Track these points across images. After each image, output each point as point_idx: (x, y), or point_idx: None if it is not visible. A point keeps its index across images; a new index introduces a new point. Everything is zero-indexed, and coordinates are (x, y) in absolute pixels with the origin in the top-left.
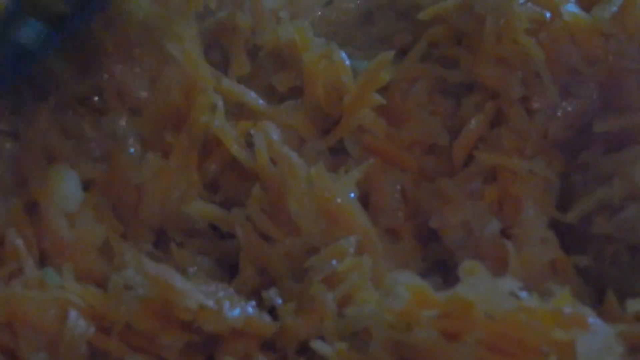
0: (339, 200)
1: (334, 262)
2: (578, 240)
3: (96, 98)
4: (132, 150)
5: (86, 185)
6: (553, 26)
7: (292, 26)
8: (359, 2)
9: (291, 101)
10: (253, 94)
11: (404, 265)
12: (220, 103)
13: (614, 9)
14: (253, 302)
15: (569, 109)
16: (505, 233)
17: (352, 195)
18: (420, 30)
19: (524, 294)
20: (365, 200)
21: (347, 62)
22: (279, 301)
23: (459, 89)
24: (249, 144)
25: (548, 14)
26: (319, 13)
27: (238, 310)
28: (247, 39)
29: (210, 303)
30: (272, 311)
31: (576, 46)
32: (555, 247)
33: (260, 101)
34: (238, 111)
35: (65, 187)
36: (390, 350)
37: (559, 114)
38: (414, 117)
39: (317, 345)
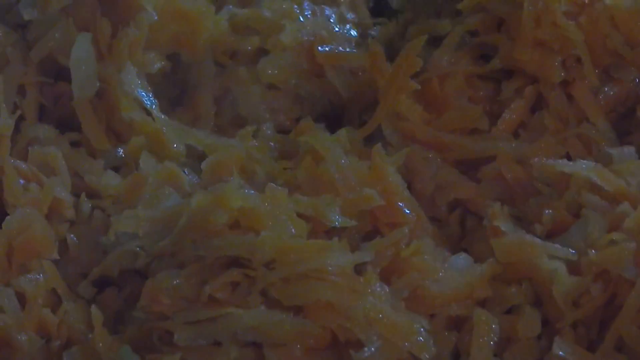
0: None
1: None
2: None
3: None
4: None
5: None
6: (593, 9)
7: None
8: None
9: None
10: None
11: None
12: None
13: None
14: None
15: (611, 93)
16: None
17: None
18: (456, 16)
19: None
20: None
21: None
22: None
23: (498, 75)
24: None
25: None
26: None
27: None
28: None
29: None
30: None
31: (617, 29)
32: None
33: None
34: None
35: None
36: None
37: (600, 98)
38: (453, 103)
39: None
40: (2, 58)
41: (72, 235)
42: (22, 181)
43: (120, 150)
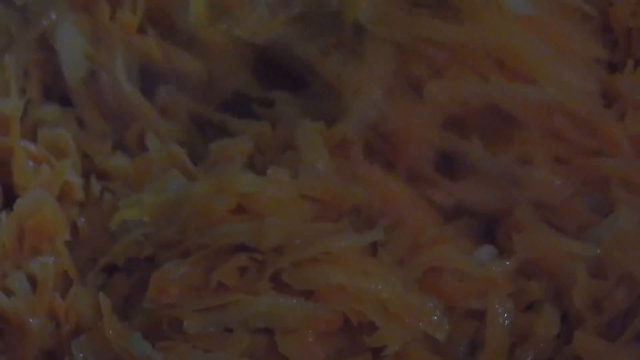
0: None
1: None
2: None
3: None
4: None
5: None
6: None
7: None
8: None
9: None
10: None
11: None
12: None
13: None
14: None
15: None
16: None
17: None
18: None
19: None
20: None
21: None
22: None
23: None
24: None
25: None
26: None
27: None
28: None
29: None
30: None
31: None
32: None
33: None
34: None
35: None
36: None
37: None
38: None
39: None
40: (8, 38)
41: (81, 218)
42: (31, 163)
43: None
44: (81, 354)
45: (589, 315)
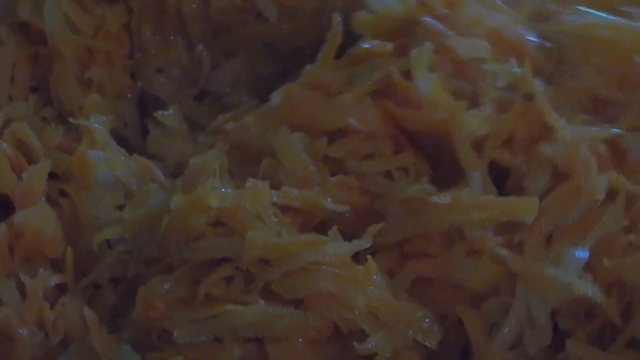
0: None
1: None
2: None
3: None
4: None
5: None
6: None
7: None
8: None
9: None
10: None
11: None
12: None
13: None
14: None
15: None
16: None
17: None
18: None
19: None
20: None
21: None
22: None
23: None
24: None
25: None
26: None
27: None
28: None
29: None
30: None
31: None
32: None
33: None
34: None
35: None
36: None
37: None
38: None
39: None
40: None
41: None
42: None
43: None
44: None
45: (579, 327)
